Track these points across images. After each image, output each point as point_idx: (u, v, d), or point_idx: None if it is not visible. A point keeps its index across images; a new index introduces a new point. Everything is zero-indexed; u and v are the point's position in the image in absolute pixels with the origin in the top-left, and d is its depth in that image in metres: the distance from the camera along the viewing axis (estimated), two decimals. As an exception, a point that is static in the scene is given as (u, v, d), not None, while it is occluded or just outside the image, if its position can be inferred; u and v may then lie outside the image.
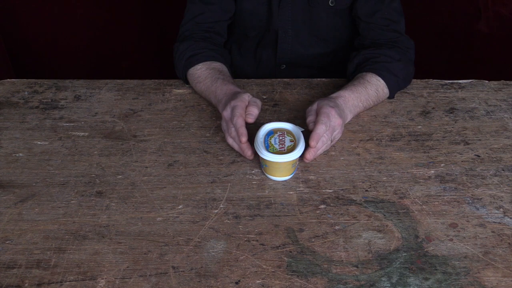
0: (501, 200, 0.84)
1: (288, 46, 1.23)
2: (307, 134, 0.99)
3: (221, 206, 0.84)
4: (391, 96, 1.09)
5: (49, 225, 0.80)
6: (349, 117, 1.01)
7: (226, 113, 0.94)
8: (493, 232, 0.78)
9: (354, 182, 0.88)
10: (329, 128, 0.91)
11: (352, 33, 1.23)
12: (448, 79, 1.18)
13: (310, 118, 0.96)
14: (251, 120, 0.93)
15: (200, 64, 1.11)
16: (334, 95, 0.99)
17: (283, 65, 1.27)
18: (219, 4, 1.18)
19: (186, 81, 1.15)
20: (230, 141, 0.94)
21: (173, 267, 0.73)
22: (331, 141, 0.94)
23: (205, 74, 1.09)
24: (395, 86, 1.08)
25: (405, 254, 0.74)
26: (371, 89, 1.04)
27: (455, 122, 1.03)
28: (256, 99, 0.97)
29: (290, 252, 0.75)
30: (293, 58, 1.25)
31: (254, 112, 0.94)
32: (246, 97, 0.95)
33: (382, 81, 1.05)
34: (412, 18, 1.30)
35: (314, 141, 0.89)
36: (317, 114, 0.93)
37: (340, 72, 1.21)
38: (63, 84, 1.18)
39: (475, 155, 0.94)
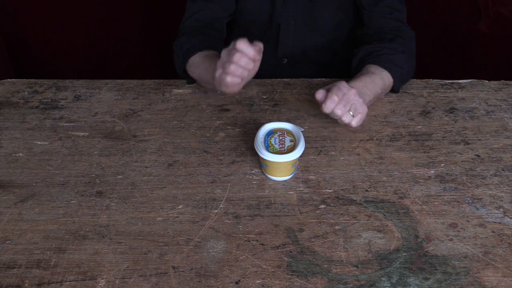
0: (501, 200, 0.84)
1: (289, 40, 1.24)
2: (307, 134, 0.99)
3: (221, 206, 0.84)
4: (396, 88, 1.09)
5: (49, 225, 0.80)
6: (362, 97, 0.99)
7: (223, 53, 0.92)
8: (493, 232, 0.78)
9: (354, 182, 0.88)
10: (343, 98, 0.92)
11: (354, 28, 1.24)
12: (448, 79, 1.18)
13: (321, 90, 0.95)
14: (252, 54, 0.90)
15: (197, 54, 1.11)
16: None
17: (284, 59, 1.27)
18: (219, 2, 1.19)
19: (186, 75, 1.14)
20: (232, 67, 0.90)
21: (173, 267, 0.73)
22: (351, 112, 0.94)
23: (203, 59, 1.09)
24: (399, 76, 1.08)
25: (405, 254, 0.74)
26: (376, 78, 1.03)
27: (455, 122, 1.03)
28: None
29: (290, 252, 0.75)
30: (295, 52, 1.25)
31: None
32: None
33: (385, 71, 1.05)
34: (412, 18, 1.30)
35: (327, 104, 0.91)
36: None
37: (342, 68, 1.22)
38: (63, 84, 1.18)
39: (475, 155, 0.94)
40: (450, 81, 1.17)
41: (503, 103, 1.09)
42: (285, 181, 0.89)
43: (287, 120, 0.96)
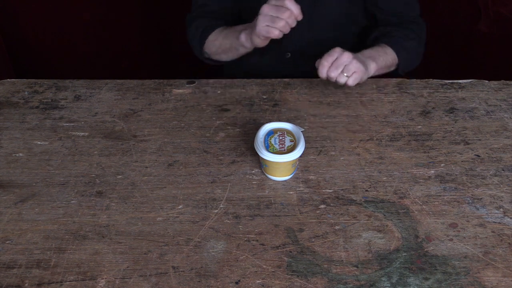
0: (501, 200, 0.84)
1: (293, 35, 1.24)
2: (307, 134, 0.99)
3: (221, 206, 0.84)
4: (400, 70, 1.17)
5: (49, 225, 0.80)
6: (370, 64, 1.09)
7: (267, 5, 1.01)
8: (493, 232, 0.78)
9: (354, 182, 0.88)
10: (335, 61, 1.03)
11: (361, 26, 1.28)
12: (448, 79, 1.18)
13: (318, 59, 1.06)
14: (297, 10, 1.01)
15: (215, 31, 1.20)
16: None
17: (288, 53, 1.28)
18: (218, 2, 1.24)
19: (205, 57, 1.24)
20: (282, 23, 1.00)
21: (173, 267, 0.73)
22: (344, 72, 1.03)
23: (220, 31, 1.19)
24: (405, 60, 1.17)
25: (405, 254, 0.74)
26: (388, 50, 1.14)
27: (455, 122, 1.03)
28: None
29: (290, 252, 0.75)
30: (298, 47, 1.26)
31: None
32: None
33: (394, 53, 1.15)
34: (412, 18, 1.31)
35: (319, 69, 1.04)
36: None
37: None
38: (63, 84, 1.18)
39: (475, 155, 0.94)
40: (450, 81, 1.17)
41: (503, 103, 1.09)
42: (285, 181, 0.89)
43: (287, 120, 0.96)
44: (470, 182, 0.88)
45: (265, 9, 1.02)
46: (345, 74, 1.04)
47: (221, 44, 1.19)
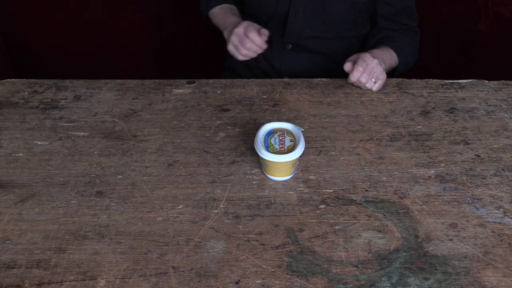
0: (501, 200, 0.84)
1: (297, 26, 1.25)
2: (307, 134, 1.00)
3: (221, 206, 0.84)
4: (397, 72, 1.23)
5: (49, 225, 0.80)
6: (382, 65, 1.14)
7: (239, 29, 1.11)
8: (493, 232, 0.78)
9: (354, 182, 0.88)
10: (367, 68, 1.10)
11: (360, 31, 1.30)
12: (448, 79, 1.18)
13: (348, 62, 1.12)
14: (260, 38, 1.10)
15: (217, 6, 1.31)
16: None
17: (289, 45, 1.29)
18: None
19: (210, 22, 1.35)
20: (245, 52, 1.11)
21: (173, 267, 0.73)
22: (373, 80, 1.11)
23: (219, 11, 1.30)
24: (403, 65, 1.25)
25: (405, 254, 0.74)
26: (393, 53, 1.21)
27: (455, 122, 1.03)
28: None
29: (290, 252, 0.75)
30: (300, 39, 1.26)
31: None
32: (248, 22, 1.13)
33: (396, 56, 1.22)
34: (412, 18, 1.31)
35: (353, 74, 1.10)
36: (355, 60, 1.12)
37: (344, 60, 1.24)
38: (63, 84, 1.18)
39: (475, 155, 0.94)
40: (450, 81, 1.17)
41: (503, 103, 1.09)
42: (285, 181, 0.89)
43: (287, 120, 0.96)
44: (470, 182, 0.88)
45: (232, 36, 1.12)
46: (373, 80, 1.12)
47: (215, 23, 1.30)
